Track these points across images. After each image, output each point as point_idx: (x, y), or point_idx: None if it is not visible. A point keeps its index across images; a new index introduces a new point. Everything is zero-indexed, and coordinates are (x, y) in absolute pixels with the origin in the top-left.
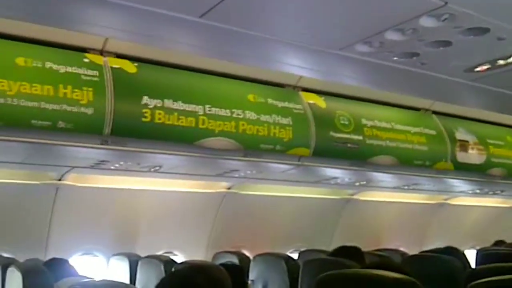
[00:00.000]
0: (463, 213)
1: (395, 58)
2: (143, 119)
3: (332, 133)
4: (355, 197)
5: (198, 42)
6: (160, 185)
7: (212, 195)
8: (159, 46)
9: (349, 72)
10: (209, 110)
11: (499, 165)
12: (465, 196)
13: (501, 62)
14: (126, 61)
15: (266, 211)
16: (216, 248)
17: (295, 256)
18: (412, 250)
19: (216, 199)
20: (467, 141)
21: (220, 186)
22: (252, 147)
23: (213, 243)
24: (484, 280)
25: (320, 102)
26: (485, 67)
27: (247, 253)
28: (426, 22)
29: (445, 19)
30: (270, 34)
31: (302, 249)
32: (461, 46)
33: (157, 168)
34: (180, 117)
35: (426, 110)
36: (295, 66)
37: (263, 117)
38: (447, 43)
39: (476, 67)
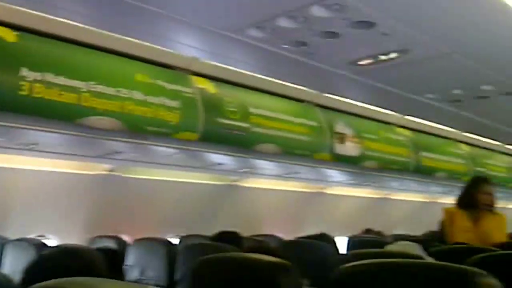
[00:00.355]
0: (338, 202)
1: (285, 46)
2: (20, 92)
3: (220, 119)
4: (238, 183)
5: (86, 10)
6: (36, 164)
7: (92, 177)
8: (42, 12)
9: (240, 56)
10: (93, 88)
11: (373, 158)
12: (340, 186)
13: (383, 57)
14: (6, 29)
15: (149, 195)
16: (94, 232)
17: (176, 241)
18: (289, 236)
19: (96, 181)
20: (345, 134)
21: (102, 168)
22: (137, 129)
23: (91, 227)
24: (352, 264)
25: (210, 87)
26: (367, 61)
27: (126, 238)
28: (318, 11)
29: (336, 9)
30: (164, 9)
31: (183, 235)
32: (348, 39)
33: (33, 145)
34: (61, 92)
35: (310, 102)
36: (186, 46)
37: (151, 98)
38: (335, 35)
39: (359, 60)
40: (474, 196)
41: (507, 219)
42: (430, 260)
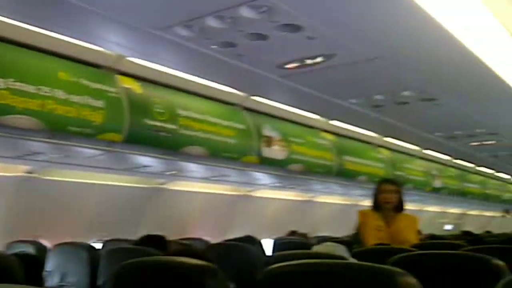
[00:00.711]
0: (265, 205)
1: (213, 47)
2: None
3: (146, 120)
4: (165, 186)
5: (3, 2)
6: None
7: (9, 179)
8: None
9: (168, 55)
10: (12, 85)
11: (298, 161)
12: (267, 189)
13: (309, 61)
14: None
15: (71, 198)
16: (11, 237)
17: (99, 246)
18: (216, 239)
19: (13, 183)
20: (272, 137)
21: (20, 169)
22: (58, 129)
23: (7, 232)
24: (277, 265)
25: (137, 87)
26: (294, 64)
27: (46, 243)
28: (246, 12)
29: (264, 11)
30: (89, 4)
31: (107, 239)
32: (276, 42)
33: None
34: None
35: (238, 105)
36: (112, 43)
37: (74, 98)
38: (263, 37)
39: (286, 64)
40: (376, 197)
41: (418, 220)
42: (353, 260)
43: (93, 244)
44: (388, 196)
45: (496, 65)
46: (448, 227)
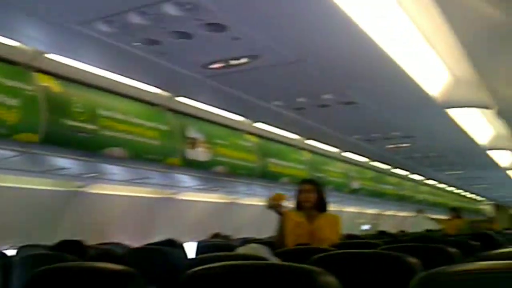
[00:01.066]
0: (188, 207)
1: (136, 44)
2: None
3: (65, 120)
4: (84, 189)
5: None
6: None
7: None
8: None
9: (88, 52)
10: None
11: (222, 163)
12: (190, 191)
13: (233, 62)
14: None
15: None
16: None
17: (13, 252)
18: (138, 243)
19: None
20: (196, 139)
21: None
22: None
23: None
24: (199, 267)
25: (55, 85)
26: (219, 65)
27: None
28: (170, 9)
29: (189, 9)
30: None
31: (21, 245)
32: (200, 41)
33: None
34: None
35: (162, 106)
36: (28, 38)
37: None
38: (187, 35)
39: (211, 64)
40: (297, 197)
41: (340, 219)
42: (275, 261)
43: (5, 251)
44: (306, 196)
45: (411, 70)
46: (365, 227)
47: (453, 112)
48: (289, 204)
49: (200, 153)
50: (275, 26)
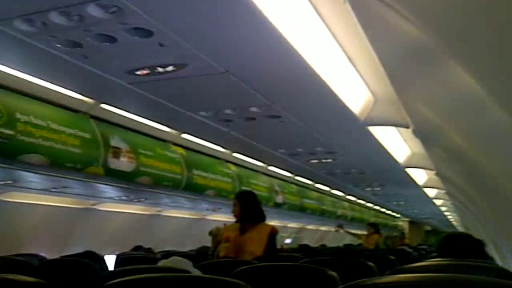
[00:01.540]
0: (109, 218)
1: (58, 45)
2: None
3: None
4: None
5: None
6: None
7: None
8: None
9: (6, 52)
10: None
11: (147, 174)
12: (112, 202)
13: (160, 69)
14: None
15: None
16: None
17: None
18: (54, 255)
19: None
20: (120, 149)
21: None
22: None
23: None
24: (115, 280)
25: None
26: (145, 72)
27: None
28: (94, 11)
29: (113, 12)
30: None
31: None
32: (125, 45)
33: None
34: None
35: (85, 112)
36: None
37: None
38: (112, 39)
39: (137, 70)
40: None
41: (274, 231)
42: (197, 273)
43: None
44: (233, 209)
45: (336, 88)
46: (288, 240)
47: (374, 130)
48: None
49: (123, 163)
50: (202, 35)
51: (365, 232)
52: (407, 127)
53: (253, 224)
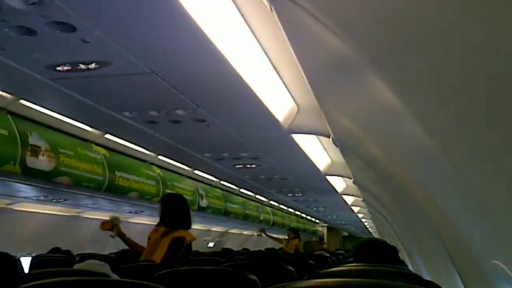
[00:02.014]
0: (25, 219)
1: None
2: None
3: None
4: None
5: None
6: None
7: None
8: None
9: None
10: None
11: (67, 174)
12: (29, 202)
13: (82, 66)
14: None
15: None
16: None
17: None
18: None
19: None
20: (39, 147)
21: None
22: None
23: None
24: (29, 284)
25: None
26: (66, 68)
27: None
28: (12, 1)
29: (34, 3)
30: None
31: None
32: (46, 40)
33: None
34: None
35: (2, 108)
36: None
37: None
38: (31, 32)
39: (58, 66)
40: None
41: (181, 242)
42: (114, 277)
43: None
44: (158, 211)
45: (261, 94)
46: (211, 244)
47: (297, 138)
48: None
49: (42, 162)
50: (128, 34)
51: (286, 237)
52: (328, 136)
53: (173, 229)
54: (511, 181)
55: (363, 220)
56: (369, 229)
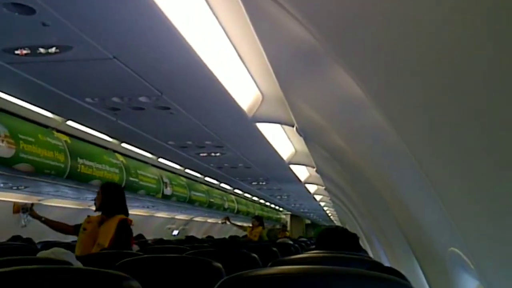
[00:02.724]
0: None
1: None
2: None
3: None
4: None
5: None
6: None
7: None
8: None
9: None
10: None
11: (27, 161)
12: None
13: (42, 50)
14: None
15: None
16: None
17: None
18: None
19: None
20: None
21: None
22: None
23: None
24: None
25: None
26: (25, 51)
27: None
28: None
29: None
30: None
31: None
32: (3, 22)
33: None
34: None
35: None
36: None
37: None
38: None
39: (16, 49)
40: None
41: (125, 224)
42: (79, 265)
43: None
44: (95, 198)
45: (226, 83)
46: (175, 232)
47: (261, 127)
48: None
49: (2, 149)
50: (89, 18)
51: (250, 225)
52: (292, 126)
53: (110, 216)
54: (469, 169)
55: (325, 208)
56: (331, 217)
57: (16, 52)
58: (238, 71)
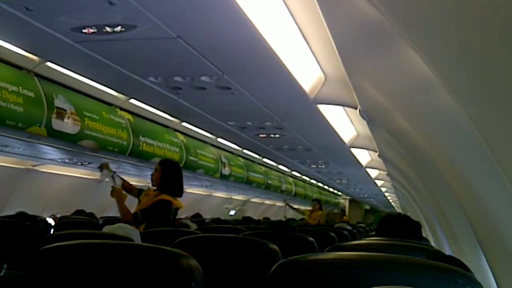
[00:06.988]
0: (50, 180)
1: None
2: None
3: None
4: None
5: None
6: None
7: None
8: None
9: None
10: None
11: (91, 137)
12: (54, 164)
13: (108, 29)
14: None
15: None
16: None
17: None
18: None
19: None
20: (65, 110)
21: None
22: None
23: None
24: (55, 244)
25: None
26: (92, 30)
27: None
28: None
29: None
30: None
31: None
32: (73, 1)
33: None
34: None
35: (29, 70)
36: None
37: None
38: None
39: (84, 28)
40: None
41: (156, 199)
42: (139, 242)
43: None
44: (153, 174)
45: (288, 63)
46: (232, 212)
47: (322, 109)
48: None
49: (67, 125)
50: None
51: (308, 208)
52: (355, 108)
53: (164, 193)
54: None
55: (386, 194)
56: (392, 203)
57: (84, 31)
58: (300, 51)
